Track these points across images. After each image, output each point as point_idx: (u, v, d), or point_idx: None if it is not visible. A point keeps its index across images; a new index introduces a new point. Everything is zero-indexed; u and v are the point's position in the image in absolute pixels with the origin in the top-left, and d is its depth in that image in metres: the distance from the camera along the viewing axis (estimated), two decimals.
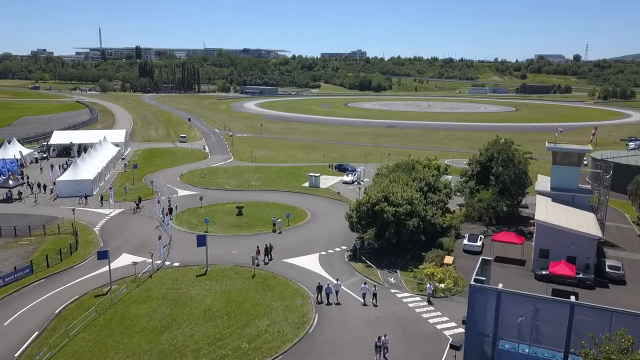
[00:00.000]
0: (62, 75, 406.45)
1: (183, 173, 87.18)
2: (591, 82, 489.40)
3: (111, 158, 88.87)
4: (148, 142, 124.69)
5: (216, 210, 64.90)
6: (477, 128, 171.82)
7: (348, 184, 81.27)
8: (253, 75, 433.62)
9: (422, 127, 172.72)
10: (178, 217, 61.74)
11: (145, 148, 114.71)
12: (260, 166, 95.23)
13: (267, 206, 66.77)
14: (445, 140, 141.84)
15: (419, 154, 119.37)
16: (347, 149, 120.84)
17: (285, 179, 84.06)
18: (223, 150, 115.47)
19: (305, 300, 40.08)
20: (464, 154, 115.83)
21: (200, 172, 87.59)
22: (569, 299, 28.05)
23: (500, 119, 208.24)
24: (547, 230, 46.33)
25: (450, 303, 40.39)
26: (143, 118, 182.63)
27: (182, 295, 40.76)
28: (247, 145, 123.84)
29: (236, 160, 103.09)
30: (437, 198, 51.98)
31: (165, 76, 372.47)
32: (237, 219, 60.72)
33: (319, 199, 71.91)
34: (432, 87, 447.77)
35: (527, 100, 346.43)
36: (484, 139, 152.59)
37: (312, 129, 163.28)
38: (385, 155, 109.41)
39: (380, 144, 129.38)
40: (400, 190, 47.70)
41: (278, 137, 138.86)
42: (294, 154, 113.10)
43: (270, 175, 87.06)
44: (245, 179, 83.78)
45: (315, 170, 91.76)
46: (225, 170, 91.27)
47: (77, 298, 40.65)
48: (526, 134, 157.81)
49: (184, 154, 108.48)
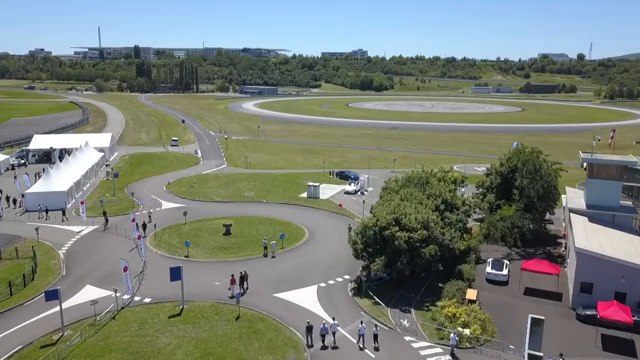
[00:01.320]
0: (59, 75, 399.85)
1: (170, 182, 79.52)
2: (596, 81, 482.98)
3: (92, 165, 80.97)
4: (137, 145, 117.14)
5: (201, 227, 57.14)
6: (483, 130, 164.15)
7: (350, 194, 73.71)
8: (253, 74, 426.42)
9: (426, 128, 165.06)
10: (157, 236, 54.08)
11: (134, 153, 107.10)
12: (255, 173, 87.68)
13: (259, 222, 59.04)
14: (451, 142, 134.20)
15: (425, 158, 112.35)
16: (349, 153, 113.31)
17: (281, 189, 76.52)
18: (216, 154, 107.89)
19: (299, 355, 32.46)
20: (474, 158, 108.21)
21: (189, 181, 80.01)
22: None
23: (506, 119, 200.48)
24: (590, 260, 38.62)
25: (478, 357, 32.80)
26: (136, 119, 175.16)
27: (148, 346, 33.05)
28: (243, 149, 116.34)
29: (230, 166, 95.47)
30: (456, 217, 44.17)
31: (163, 76, 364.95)
32: (224, 240, 52.96)
33: (318, 213, 64.32)
34: (434, 86, 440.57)
35: (532, 100, 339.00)
36: (492, 142, 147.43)
37: (312, 130, 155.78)
38: (390, 160, 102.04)
39: (384, 147, 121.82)
40: (414, 210, 39.90)
41: (276, 140, 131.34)
42: (292, 158, 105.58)
43: (266, 184, 79.51)
44: (237, 188, 76.17)
45: (314, 177, 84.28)
46: (217, 178, 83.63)
47: (19, 349, 33.03)
48: (536, 135, 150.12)
49: (174, 159, 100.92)
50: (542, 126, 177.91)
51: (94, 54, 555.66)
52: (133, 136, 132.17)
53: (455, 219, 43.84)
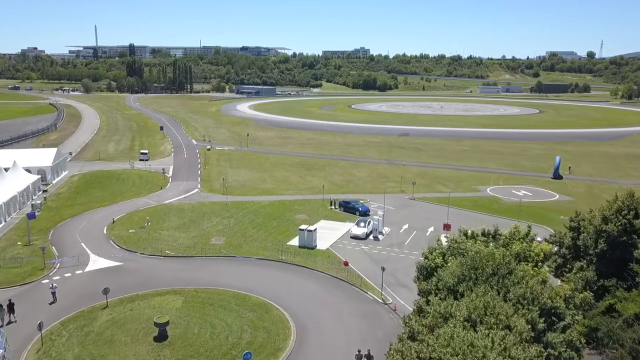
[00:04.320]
0: (50, 75, 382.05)
1: (115, 219, 59.37)
2: (608, 80, 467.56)
3: (10, 198, 59.42)
4: (98, 160, 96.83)
5: (126, 320, 36.01)
6: (505, 136, 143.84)
7: (360, 239, 53.72)
8: (251, 74, 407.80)
9: (440, 134, 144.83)
10: (46, 341, 32.95)
11: (88, 171, 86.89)
12: (234, 202, 67.68)
13: (220, 304, 38.25)
14: (473, 153, 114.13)
15: (449, 177, 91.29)
16: (354, 169, 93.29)
17: (264, 229, 56.44)
18: (191, 172, 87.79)
19: None
20: (508, 177, 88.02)
21: (142, 218, 59.77)
22: None
23: (527, 123, 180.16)
24: None
25: None
26: (111, 125, 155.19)
27: None
28: (226, 163, 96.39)
29: (203, 190, 75.40)
30: (565, 337, 23.85)
31: (156, 75, 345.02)
32: (153, 354, 31.73)
33: (313, 280, 43.80)
34: (440, 86, 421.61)
35: (545, 100, 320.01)
36: (520, 152, 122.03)
37: (310, 137, 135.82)
38: (405, 178, 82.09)
39: (395, 161, 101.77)
40: (498, 355, 19.66)
41: (268, 151, 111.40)
42: (284, 177, 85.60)
43: (244, 220, 59.50)
44: (203, 230, 55.98)
45: (310, 209, 64.41)
46: (181, 211, 63.44)
47: None
48: (569, 144, 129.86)
49: (137, 179, 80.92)
50: (570, 131, 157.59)
51: (88, 53, 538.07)
52: (98, 147, 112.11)
53: (565, 338, 23.52)
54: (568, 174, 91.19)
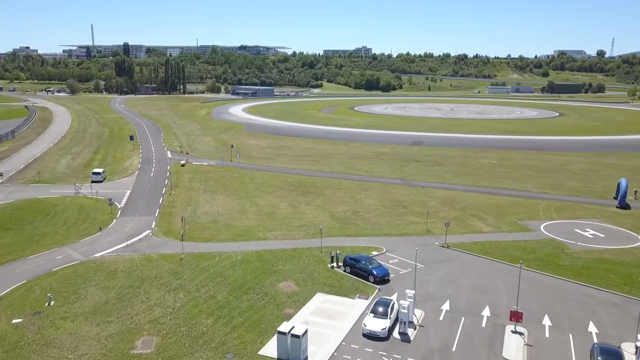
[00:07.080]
0: (39, 75, 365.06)
1: (0, 296, 39.22)
2: (621, 79, 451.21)
3: None
4: (35, 184, 75.83)
5: None
6: (535, 145, 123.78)
7: (378, 339, 33.50)
8: (249, 73, 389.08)
9: (459, 143, 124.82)
10: None
11: (14, 200, 66.37)
12: (194, 255, 47.54)
13: None
14: (504, 169, 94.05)
15: (484, 204, 67.71)
16: (361, 193, 73.20)
17: (226, 319, 35.89)
18: (151, 200, 67.53)
19: None
20: (561, 204, 67.46)
21: (44, 293, 39.62)
22: None
23: (552, 129, 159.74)
24: None
25: None
26: (79, 132, 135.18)
27: None
28: (200, 184, 76.47)
29: (158, 232, 54.99)
30: None
31: (147, 75, 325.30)
32: None
33: None
34: (446, 86, 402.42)
35: (560, 101, 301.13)
36: (559, 167, 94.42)
37: (308, 147, 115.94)
38: (429, 206, 61.19)
39: (413, 181, 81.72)
40: None
41: (256, 167, 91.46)
42: (271, 207, 65.48)
43: (199, 297, 39.33)
44: (132, 320, 35.33)
45: (302, 266, 44.49)
46: (113, 274, 43.12)
47: None
48: (615, 155, 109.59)
49: (73, 214, 60.68)
50: (608, 139, 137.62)
51: (81, 52, 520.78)
52: (47, 164, 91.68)
53: None
54: (634, 201, 71.32)
